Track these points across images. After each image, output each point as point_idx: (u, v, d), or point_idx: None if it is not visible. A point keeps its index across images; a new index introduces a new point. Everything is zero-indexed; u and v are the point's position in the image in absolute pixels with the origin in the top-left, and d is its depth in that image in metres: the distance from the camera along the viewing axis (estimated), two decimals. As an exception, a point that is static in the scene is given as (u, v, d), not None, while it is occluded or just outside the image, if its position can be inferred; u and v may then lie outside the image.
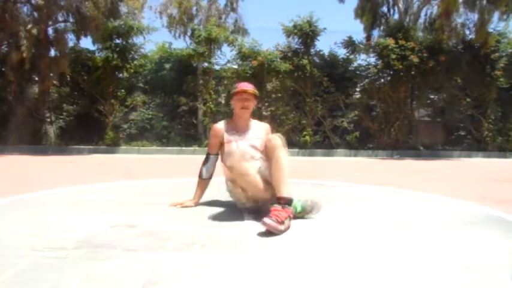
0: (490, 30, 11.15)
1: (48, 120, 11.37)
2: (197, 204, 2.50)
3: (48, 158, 7.91)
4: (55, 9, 10.08)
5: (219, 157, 2.52)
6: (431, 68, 10.61)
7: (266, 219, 1.81)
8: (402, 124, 11.44)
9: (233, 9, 15.82)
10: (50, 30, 10.59)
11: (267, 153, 2.18)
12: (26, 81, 10.93)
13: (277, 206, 1.93)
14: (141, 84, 12.33)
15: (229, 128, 2.46)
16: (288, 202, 1.97)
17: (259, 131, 2.52)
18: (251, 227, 1.97)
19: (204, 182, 2.53)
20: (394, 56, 10.38)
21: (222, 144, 2.45)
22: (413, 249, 1.64)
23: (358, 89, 12.09)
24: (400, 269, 1.39)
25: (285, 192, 2.00)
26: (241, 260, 1.46)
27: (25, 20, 9.76)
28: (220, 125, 2.51)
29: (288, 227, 1.89)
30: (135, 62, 11.33)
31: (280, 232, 1.81)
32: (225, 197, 2.51)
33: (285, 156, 2.11)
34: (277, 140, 2.14)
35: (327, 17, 37.52)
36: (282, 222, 1.83)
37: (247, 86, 2.47)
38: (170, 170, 5.95)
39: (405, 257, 1.53)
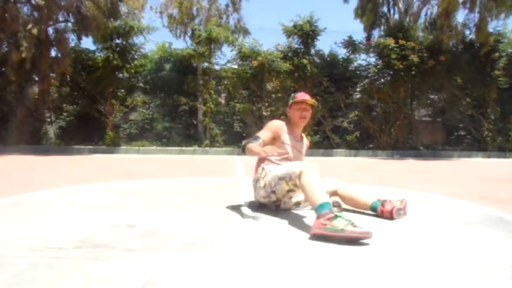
0: (490, 30, 11.16)
1: (48, 120, 11.38)
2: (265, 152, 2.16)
3: (48, 158, 7.91)
4: (55, 9, 10.08)
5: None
6: (432, 68, 10.60)
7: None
8: (402, 124, 11.44)
9: (235, 9, 15.80)
10: (51, 30, 10.60)
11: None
12: (26, 81, 10.93)
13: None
14: (141, 84, 12.33)
15: (288, 131, 2.47)
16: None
17: (305, 144, 2.64)
18: (251, 227, 1.97)
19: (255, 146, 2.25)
20: (394, 56, 10.38)
21: (274, 139, 2.40)
22: (413, 249, 1.64)
23: (358, 89, 12.09)
24: (400, 269, 1.39)
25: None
26: (241, 260, 1.46)
27: (25, 20, 9.76)
28: (282, 124, 2.48)
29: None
30: (135, 62, 11.32)
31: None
32: (225, 197, 2.51)
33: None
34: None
35: (327, 17, 37.53)
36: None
37: (306, 96, 2.47)
38: (170, 170, 5.95)
39: (405, 257, 1.53)
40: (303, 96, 2.46)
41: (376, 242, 1.75)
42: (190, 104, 11.70)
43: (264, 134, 2.37)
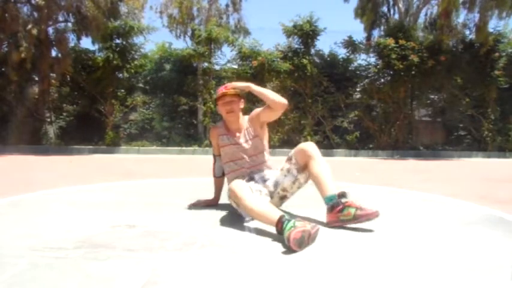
0: (490, 30, 11.16)
1: (48, 120, 11.37)
2: (218, 201, 2.54)
3: (48, 158, 7.91)
4: (55, 9, 10.08)
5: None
6: (432, 68, 10.60)
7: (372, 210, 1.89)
8: (402, 124, 11.44)
9: (235, 10, 15.79)
10: (51, 30, 10.60)
11: (298, 160, 2.18)
12: (26, 81, 10.93)
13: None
14: (141, 84, 12.33)
15: (225, 131, 2.41)
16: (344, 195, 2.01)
17: (247, 129, 2.39)
18: (251, 227, 1.97)
19: (218, 180, 2.56)
20: (394, 56, 10.37)
21: (219, 147, 2.44)
22: (413, 249, 1.64)
23: (358, 89, 12.08)
24: (400, 269, 1.39)
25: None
26: (241, 260, 1.46)
27: (25, 20, 9.76)
28: (215, 129, 2.49)
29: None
30: (135, 62, 11.32)
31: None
32: (225, 197, 2.51)
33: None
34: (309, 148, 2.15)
35: (327, 17, 37.52)
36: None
37: (226, 88, 2.34)
38: (170, 170, 5.95)
39: (405, 257, 1.53)
40: (222, 89, 2.34)
41: (376, 241, 1.75)
42: (190, 104, 11.69)
43: (213, 147, 2.50)
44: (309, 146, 2.17)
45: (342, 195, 1.98)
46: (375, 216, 1.88)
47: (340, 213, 1.94)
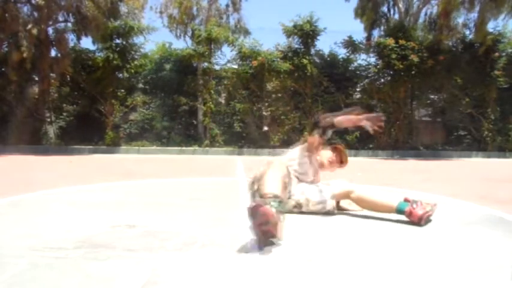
0: (490, 30, 11.16)
1: (48, 120, 11.38)
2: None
3: (48, 158, 7.91)
4: (55, 9, 10.09)
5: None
6: (431, 68, 10.61)
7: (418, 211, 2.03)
8: (402, 124, 11.44)
9: (236, 10, 15.81)
10: (51, 30, 10.61)
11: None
12: (26, 81, 10.93)
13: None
14: (141, 84, 12.34)
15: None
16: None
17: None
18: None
19: None
20: (394, 56, 10.37)
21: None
22: (413, 249, 1.64)
23: (358, 89, 12.09)
24: (400, 269, 1.39)
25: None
26: (241, 260, 1.46)
27: (25, 20, 9.76)
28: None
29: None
30: (135, 62, 11.33)
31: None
32: (225, 197, 2.51)
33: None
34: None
35: (327, 17, 37.53)
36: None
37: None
38: (170, 170, 5.95)
39: (405, 257, 1.53)
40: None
41: (376, 241, 1.75)
42: (190, 104, 11.70)
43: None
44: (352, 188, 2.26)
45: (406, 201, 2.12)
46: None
47: (421, 205, 2.08)
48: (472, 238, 1.83)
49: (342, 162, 2.63)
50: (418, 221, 2.01)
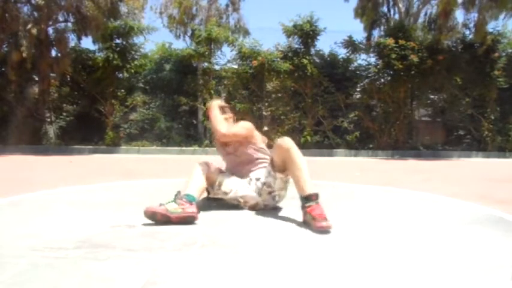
0: (490, 30, 11.15)
1: (48, 120, 11.37)
2: None
3: (48, 158, 7.91)
4: (55, 9, 10.08)
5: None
6: (431, 68, 10.59)
7: (322, 223, 1.86)
8: (402, 124, 11.43)
9: (235, 9, 15.83)
10: (51, 30, 10.60)
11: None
12: (26, 81, 10.93)
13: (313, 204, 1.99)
14: (141, 84, 12.33)
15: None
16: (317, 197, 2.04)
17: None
18: (251, 227, 1.97)
19: None
20: (394, 56, 10.37)
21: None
22: (413, 249, 1.64)
23: (358, 89, 12.08)
24: (400, 269, 1.39)
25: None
26: (241, 260, 1.46)
27: (25, 20, 9.76)
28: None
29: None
30: (135, 62, 11.31)
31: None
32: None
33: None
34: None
35: (327, 16, 37.50)
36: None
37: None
38: (170, 170, 5.95)
39: (405, 257, 1.53)
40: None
41: (376, 241, 1.75)
42: (190, 104, 11.69)
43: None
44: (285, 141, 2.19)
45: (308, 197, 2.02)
46: (322, 229, 1.85)
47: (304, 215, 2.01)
48: (472, 238, 1.83)
49: (224, 112, 2.77)
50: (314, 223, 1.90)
